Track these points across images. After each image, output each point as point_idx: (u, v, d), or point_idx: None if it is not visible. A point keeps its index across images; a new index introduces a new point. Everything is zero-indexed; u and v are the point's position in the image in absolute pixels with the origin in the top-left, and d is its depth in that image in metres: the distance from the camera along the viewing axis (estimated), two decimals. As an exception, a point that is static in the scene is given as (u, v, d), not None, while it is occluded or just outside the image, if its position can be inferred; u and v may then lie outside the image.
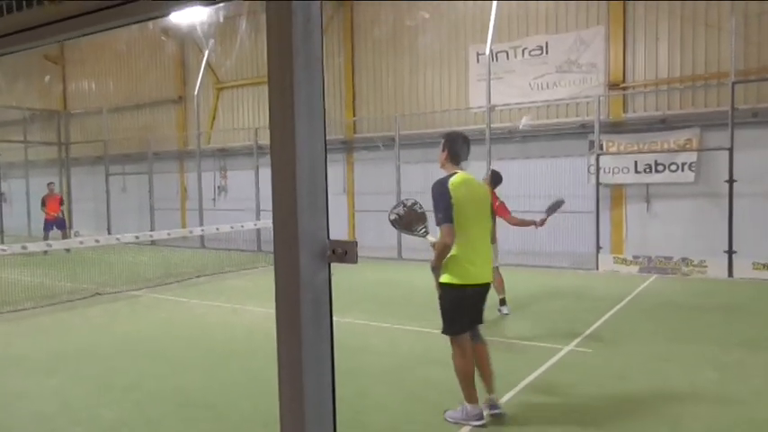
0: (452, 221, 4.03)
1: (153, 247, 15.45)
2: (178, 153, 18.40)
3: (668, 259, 10.85)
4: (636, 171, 11.54)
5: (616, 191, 11.90)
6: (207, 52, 16.41)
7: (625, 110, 11.91)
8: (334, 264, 1.21)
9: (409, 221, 4.41)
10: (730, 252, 10.31)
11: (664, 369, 5.38)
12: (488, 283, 4.30)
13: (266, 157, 13.55)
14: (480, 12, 12.97)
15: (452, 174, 4.23)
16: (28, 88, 21.62)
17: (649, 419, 4.31)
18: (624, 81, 11.85)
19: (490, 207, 4.48)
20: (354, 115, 15.03)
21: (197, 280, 11.06)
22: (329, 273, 1.21)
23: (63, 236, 14.78)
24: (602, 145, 11.59)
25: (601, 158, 11.55)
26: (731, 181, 10.25)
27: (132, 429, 4.33)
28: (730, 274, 10.27)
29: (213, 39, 16.95)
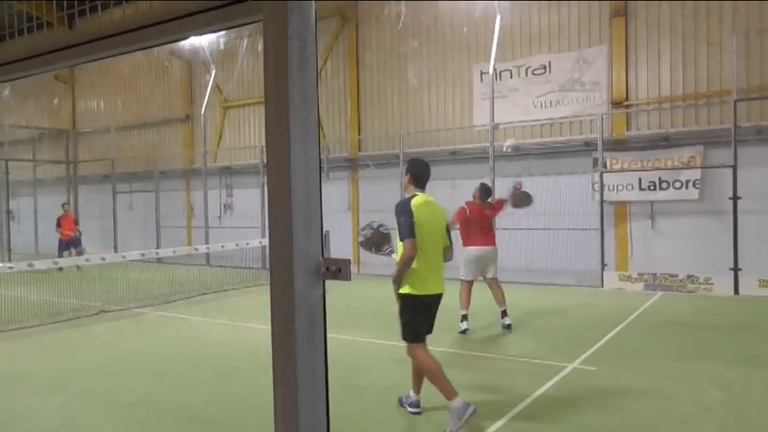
0: (415, 237, 4.41)
1: (158, 265, 15.51)
2: (184, 171, 18.55)
3: (674, 276, 10.80)
4: (640, 188, 11.54)
5: (620, 208, 11.89)
6: (214, 72, 16.61)
7: (628, 128, 11.95)
8: (340, 282, 1.24)
9: (378, 242, 4.77)
10: (736, 269, 10.27)
11: (668, 387, 5.34)
12: (441, 294, 4.68)
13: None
14: (484, 31, 13.11)
15: (414, 195, 4.66)
16: (38, 108, 21.93)
17: (653, 438, 4.28)
18: (627, 99, 11.90)
19: (446, 228, 4.80)
20: (359, 133, 15.14)
21: (202, 297, 11.09)
22: (323, 290, 1.25)
23: (79, 253, 14.83)
24: (605, 162, 11.62)
25: (605, 176, 11.57)
26: (735, 198, 10.24)
27: (135, 447, 4.34)
28: (736, 292, 10.22)
29: (220, 58, 17.16)
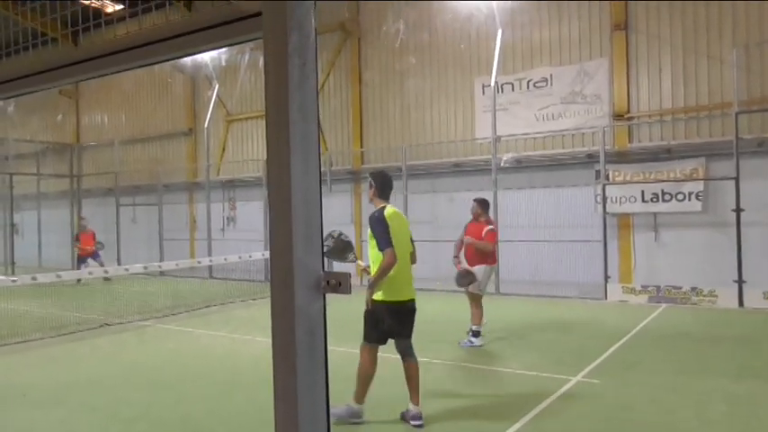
0: (393, 246, 4.60)
1: (161, 278, 15.51)
2: (187, 184, 18.62)
3: (677, 289, 10.76)
4: (643, 200, 11.54)
5: (623, 220, 11.88)
6: (216, 86, 16.72)
7: (630, 140, 11.97)
8: (343, 294, 1.25)
9: (341, 250, 4.96)
10: (740, 281, 10.23)
11: (672, 401, 5.31)
12: (413, 299, 4.88)
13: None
14: (485, 44, 13.20)
15: (383, 207, 4.87)
16: (42, 122, 22.10)
17: (658, 452, 4.25)
18: (629, 111, 11.94)
19: (410, 235, 5.08)
20: (362, 146, 15.19)
21: (205, 310, 11.08)
22: (324, 303, 1.26)
23: (99, 264, 14.78)
24: (608, 174, 11.63)
25: (607, 188, 11.57)
26: (738, 210, 10.23)
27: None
28: (741, 304, 10.17)
29: (223, 72, 17.29)
